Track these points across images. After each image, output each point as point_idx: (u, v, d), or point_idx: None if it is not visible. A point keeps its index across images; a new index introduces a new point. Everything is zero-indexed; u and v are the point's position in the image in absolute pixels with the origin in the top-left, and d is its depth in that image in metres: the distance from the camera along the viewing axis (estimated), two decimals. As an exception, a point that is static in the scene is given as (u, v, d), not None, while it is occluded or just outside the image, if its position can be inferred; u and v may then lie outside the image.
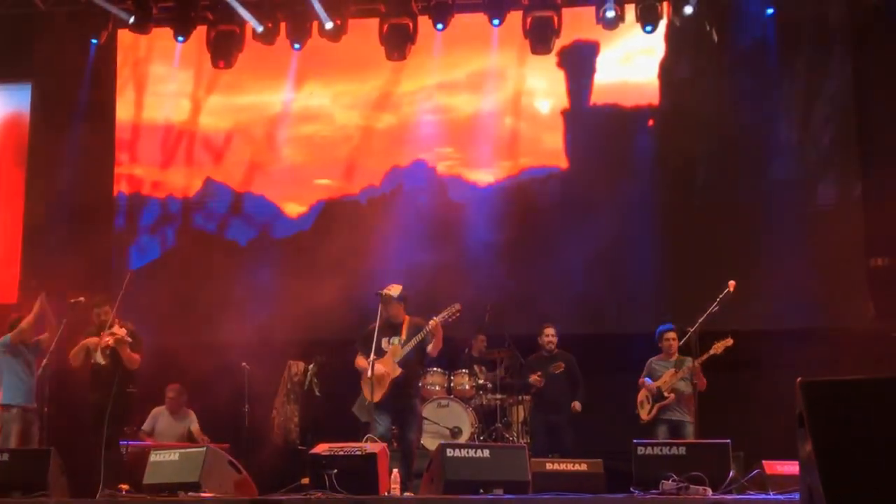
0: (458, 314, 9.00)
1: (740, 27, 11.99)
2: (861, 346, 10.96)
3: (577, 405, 10.63)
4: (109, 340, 9.13)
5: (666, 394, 10.10)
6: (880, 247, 11.81)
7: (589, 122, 12.70)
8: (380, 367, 8.84)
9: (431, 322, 8.91)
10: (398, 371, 8.95)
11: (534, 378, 10.57)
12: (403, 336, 9.07)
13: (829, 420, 4.55)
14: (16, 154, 13.41)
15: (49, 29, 12.72)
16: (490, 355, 11.73)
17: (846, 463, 4.43)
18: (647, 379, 10.38)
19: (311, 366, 11.95)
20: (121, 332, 9.16)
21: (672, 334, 10.25)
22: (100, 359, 9.19)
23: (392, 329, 9.07)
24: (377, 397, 8.83)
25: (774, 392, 9.25)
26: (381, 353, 8.95)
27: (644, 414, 10.26)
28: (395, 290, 9.13)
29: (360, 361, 9.14)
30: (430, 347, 9.02)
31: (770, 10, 11.90)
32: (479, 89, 12.94)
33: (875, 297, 11.66)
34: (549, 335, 10.81)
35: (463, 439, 10.69)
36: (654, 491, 7.69)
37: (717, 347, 9.79)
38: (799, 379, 4.72)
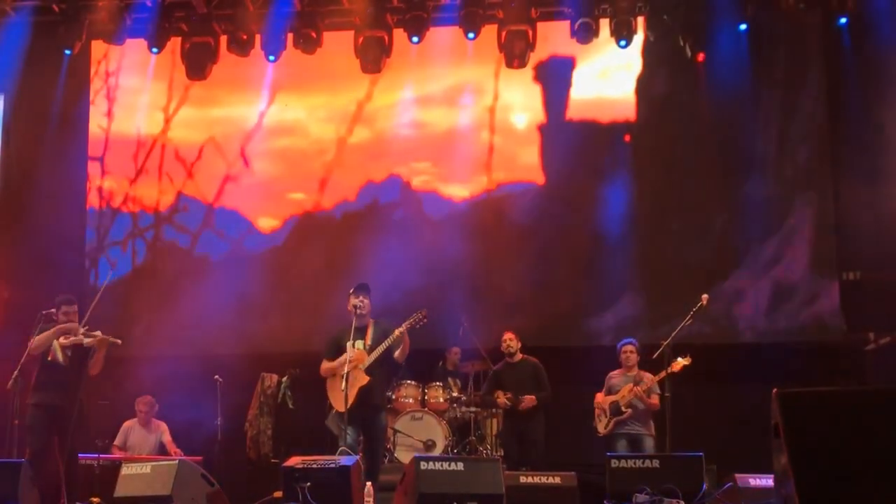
0: (424, 320, 8.93)
1: (714, 43, 12.05)
2: (833, 359, 11.05)
3: (528, 399, 10.40)
4: (87, 341, 8.94)
5: (623, 408, 10.06)
6: (852, 261, 11.89)
7: (565, 137, 12.68)
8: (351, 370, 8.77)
9: (397, 331, 8.85)
10: (365, 379, 8.87)
11: (502, 401, 10.49)
12: (368, 339, 9.01)
13: (805, 430, 4.56)
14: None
15: (21, 39, 12.62)
16: (464, 368, 11.72)
17: (822, 473, 4.45)
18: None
19: (285, 379, 11.92)
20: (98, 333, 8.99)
21: (630, 347, 10.20)
22: (59, 356, 8.97)
23: (357, 332, 8.97)
24: (345, 406, 8.75)
25: (747, 405, 9.32)
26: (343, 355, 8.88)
27: (601, 428, 10.16)
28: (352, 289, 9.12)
29: (327, 365, 9.08)
30: (396, 353, 8.95)
31: (743, 26, 11.96)
32: (455, 103, 12.94)
33: (847, 311, 11.73)
34: (506, 339, 10.61)
35: (437, 452, 10.67)
36: (627, 504, 7.72)
37: (675, 366, 9.69)
38: (775, 389, 4.74)
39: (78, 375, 8.94)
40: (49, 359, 8.97)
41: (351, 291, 9.08)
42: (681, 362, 9.69)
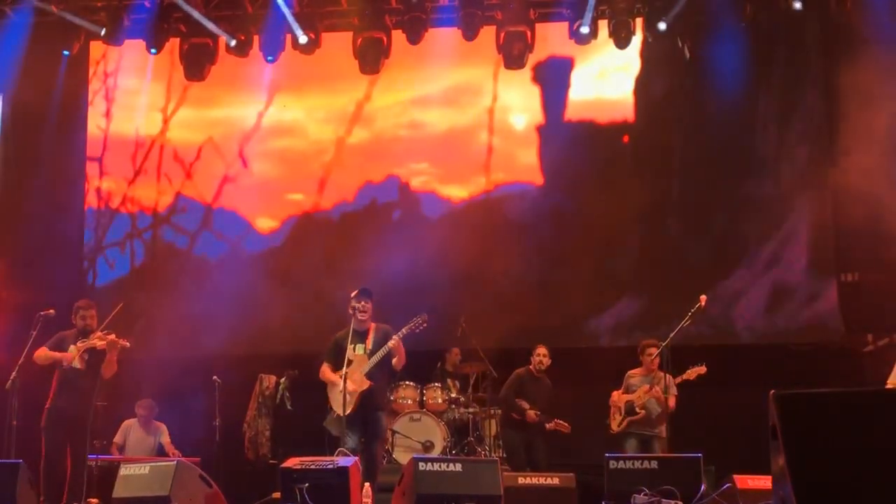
0: (423, 325, 8.90)
1: (713, 43, 12.04)
2: (831, 361, 11.05)
3: (564, 427, 10.55)
4: (99, 343, 8.98)
5: (638, 409, 10.09)
6: (850, 263, 11.89)
7: (563, 138, 12.70)
8: (350, 380, 8.77)
9: (391, 342, 8.80)
10: (367, 384, 8.85)
11: (531, 416, 10.51)
12: (369, 344, 8.98)
13: (803, 432, 4.55)
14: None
15: (20, 40, 12.61)
16: (463, 369, 11.72)
17: (819, 474, 4.44)
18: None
19: (283, 379, 11.93)
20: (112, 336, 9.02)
21: (654, 350, 10.21)
22: (76, 363, 9.04)
23: (358, 336, 8.95)
24: (344, 410, 8.74)
25: (745, 406, 9.29)
26: (346, 361, 8.87)
27: (615, 425, 10.24)
28: (354, 293, 9.09)
29: (327, 373, 9.06)
30: (394, 361, 8.91)
31: (742, 26, 11.95)
32: (454, 104, 12.95)
33: (845, 312, 11.73)
34: (541, 354, 10.68)
35: (435, 453, 10.67)
36: (625, 504, 7.72)
37: (691, 374, 9.76)
38: (772, 391, 4.73)
39: (93, 379, 8.98)
40: (65, 364, 9.01)
41: (353, 295, 9.05)
42: (696, 370, 9.72)
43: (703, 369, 9.76)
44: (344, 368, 8.72)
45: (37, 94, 12.90)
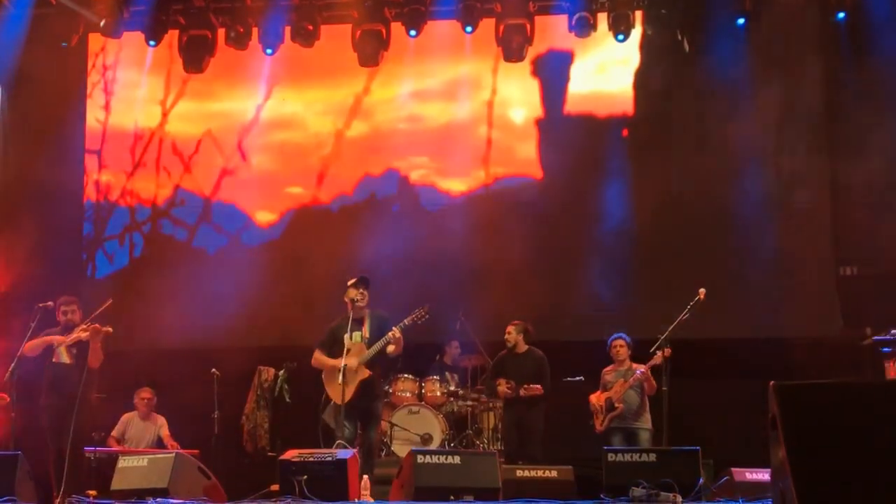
0: (426, 316, 8.95)
1: (712, 37, 12.03)
2: (829, 354, 11.04)
3: (534, 388, 10.29)
4: (83, 335, 8.98)
5: (616, 404, 10.07)
6: (849, 256, 11.89)
7: (563, 131, 12.68)
8: (349, 363, 8.79)
9: (391, 334, 8.82)
10: (366, 373, 8.89)
11: (502, 389, 10.46)
12: (366, 332, 9.00)
13: (803, 423, 4.56)
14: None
15: (19, 32, 12.59)
16: (462, 362, 11.72)
17: (819, 466, 4.44)
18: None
19: (282, 372, 11.94)
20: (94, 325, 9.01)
21: (620, 342, 10.21)
22: (65, 358, 9.03)
23: (354, 324, 8.98)
24: (342, 400, 8.75)
25: (743, 400, 9.33)
26: (342, 347, 8.89)
27: (598, 424, 10.18)
28: (351, 281, 9.11)
29: (322, 359, 9.08)
30: (391, 349, 8.94)
31: (741, 20, 11.95)
32: (453, 97, 12.92)
33: (844, 305, 11.73)
34: (507, 332, 10.54)
35: (434, 446, 10.67)
36: (623, 498, 7.71)
37: (657, 358, 9.73)
38: (772, 382, 4.74)
39: (79, 374, 8.97)
40: (54, 360, 9.02)
41: (350, 283, 9.07)
42: (660, 355, 9.68)
43: (667, 351, 9.64)
44: (343, 357, 8.75)
45: (35, 87, 12.86)
